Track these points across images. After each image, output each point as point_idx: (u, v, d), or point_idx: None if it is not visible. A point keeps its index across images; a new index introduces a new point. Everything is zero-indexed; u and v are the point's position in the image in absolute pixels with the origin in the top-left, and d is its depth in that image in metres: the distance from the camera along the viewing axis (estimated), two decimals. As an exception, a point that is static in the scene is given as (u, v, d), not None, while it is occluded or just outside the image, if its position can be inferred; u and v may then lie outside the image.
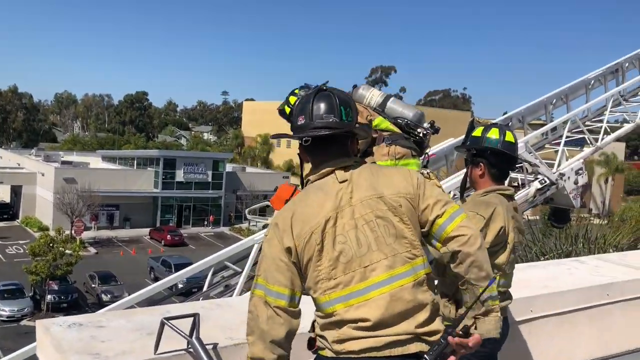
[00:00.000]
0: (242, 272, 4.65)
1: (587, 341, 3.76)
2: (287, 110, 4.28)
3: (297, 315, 2.11)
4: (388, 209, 2.07)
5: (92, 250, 40.63)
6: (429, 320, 2.02)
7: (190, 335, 2.39)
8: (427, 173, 3.09)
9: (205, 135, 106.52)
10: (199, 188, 50.18)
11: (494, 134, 3.20)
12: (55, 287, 28.23)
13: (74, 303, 28.83)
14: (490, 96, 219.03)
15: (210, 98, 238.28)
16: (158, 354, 2.36)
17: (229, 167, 54.81)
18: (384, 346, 1.97)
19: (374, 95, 3.97)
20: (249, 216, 4.06)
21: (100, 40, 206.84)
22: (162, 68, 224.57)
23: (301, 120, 2.20)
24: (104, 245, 42.51)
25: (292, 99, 4.23)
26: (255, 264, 5.44)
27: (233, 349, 2.55)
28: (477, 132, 3.38)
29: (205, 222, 50.89)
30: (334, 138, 2.17)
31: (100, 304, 29.04)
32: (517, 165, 7.41)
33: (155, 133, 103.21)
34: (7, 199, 51.40)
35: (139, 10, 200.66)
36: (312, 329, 2.21)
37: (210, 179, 50.90)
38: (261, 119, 77.89)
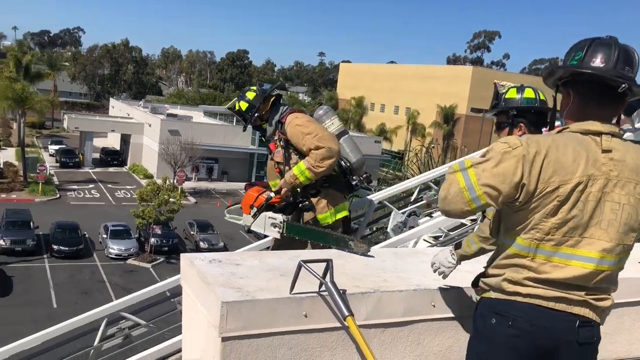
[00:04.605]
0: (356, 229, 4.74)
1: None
2: (244, 105, 4.09)
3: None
4: None
5: (192, 199, 42.60)
6: (602, 295, 2.07)
7: (324, 278, 2.51)
8: None
9: (301, 96, 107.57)
10: (293, 147, 50.99)
11: (529, 94, 3.31)
12: (159, 232, 29.90)
13: (174, 248, 30.55)
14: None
15: (307, 59, 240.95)
16: (293, 293, 2.50)
17: (322, 129, 55.18)
18: (551, 298, 2.01)
19: (332, 124, 3.93)
20: (227, 216, 4.10)
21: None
22: (263, 26, 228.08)
23: (600, 63, 1.99)
24: (203, 196, 44.38)
25: (251, 95, 4.07)
26: (369, 223, 5.52)
27: (360, 297, 2.61)
28: (512, 93, 3.35)
29: (297, 180, 51.91)
30: (618, 95, 2.00)
31: (198, 250, 30.77)
32: None
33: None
34: (117, 147, 55.06)
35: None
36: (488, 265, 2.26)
37: (304, 139, 51.53)
38: (357, 81, 77.27)
